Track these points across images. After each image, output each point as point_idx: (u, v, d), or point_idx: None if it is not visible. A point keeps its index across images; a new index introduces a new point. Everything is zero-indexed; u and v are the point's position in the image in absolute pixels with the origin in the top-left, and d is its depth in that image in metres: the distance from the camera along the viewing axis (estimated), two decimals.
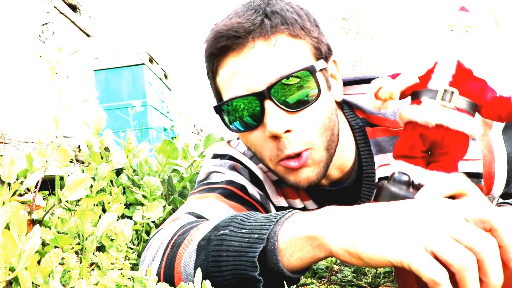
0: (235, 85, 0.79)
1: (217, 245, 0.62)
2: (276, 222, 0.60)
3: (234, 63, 0.78)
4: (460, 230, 0.48)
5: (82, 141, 1.23)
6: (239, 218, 0.64)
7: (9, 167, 0.79)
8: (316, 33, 0.83)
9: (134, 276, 0.71)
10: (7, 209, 0.67)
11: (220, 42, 0.79)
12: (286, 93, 0.77)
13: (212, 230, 0.66)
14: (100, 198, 1.05)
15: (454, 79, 0.61)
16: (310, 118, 0.79)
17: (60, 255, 0.64)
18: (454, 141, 0.63)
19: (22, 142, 1.02)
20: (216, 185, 0.96)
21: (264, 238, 0.58)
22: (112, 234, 0.89)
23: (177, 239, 0.72)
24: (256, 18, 0.77)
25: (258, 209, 0.96)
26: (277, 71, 0.76)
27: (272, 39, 0.77)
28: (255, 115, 0.79)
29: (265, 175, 1.00)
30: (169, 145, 1.38)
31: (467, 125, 0.61)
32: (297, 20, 0.80)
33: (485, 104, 0.62)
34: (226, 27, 0.78)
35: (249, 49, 0.76)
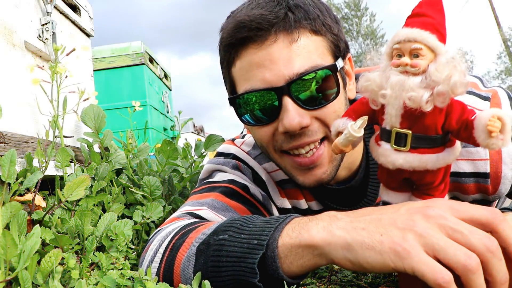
0: (253, 78, 0.78)
1: (216, 250, 0.62)
2: (276, 228, 0.59)
3: (254, 55, 0.77)
4: (461, 232, 0.48)
5: (82, 141, 1.23)
6: (238, 222, 0.64)
7: (9, 167, 0.79)
8: (336, 29, 0.82)
9: (134, 276, 0.71)
10: (7, 209, 0.67)
11: (242, 32, 0.77)
12: (305, 90, 0.76)
13: (211, 234, 0.65)
14: (100, 198, 1.05)
15: (403, 119, 0.56)
16: (329, 114, 0.78)
17: (60, 255, 0.64)
18: (424, 176, 0.59)
19: (22, 142, 1.02)
20: (217, 183, 0.96)
21: (264, 244, 0.58)
22: (112, 234, 0.89)
23: (176, 241, 0.71)
24: (280, 11, 0.76)
25: (259, 209, 0.96)
26: (298, 67, 0.75)
27: (295, 33, 0.75)
28: (271, 109, 0.78)
29: (268, 176, 1.00)
30: (169, 145, 1.38)
31: (427, 163, 0.56)
32: (319, 15, 0.79)
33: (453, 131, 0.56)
34: (248, 17, 0.76)
35: (271, 42, 0.75)
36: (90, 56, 1.55)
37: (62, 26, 1.35)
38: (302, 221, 0.59)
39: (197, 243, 0.67)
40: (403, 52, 0.54)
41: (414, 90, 0.53)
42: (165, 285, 0.65)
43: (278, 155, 0.83)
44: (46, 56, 1.23)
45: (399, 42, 0.55)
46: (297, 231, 0.57)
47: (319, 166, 0.81)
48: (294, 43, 0.75)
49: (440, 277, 0.45)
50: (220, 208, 0.89)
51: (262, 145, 0.86)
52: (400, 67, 0.54)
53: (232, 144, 1.05)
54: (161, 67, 3.47)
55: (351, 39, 28.22)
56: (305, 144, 0.78)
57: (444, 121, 0.55)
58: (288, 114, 0.75)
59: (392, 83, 0.54)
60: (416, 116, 0.55)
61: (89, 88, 1.46)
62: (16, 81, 1.09)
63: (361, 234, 0.52)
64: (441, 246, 0.47)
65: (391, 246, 0.49)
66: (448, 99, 0.53)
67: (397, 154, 0.58)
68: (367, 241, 0.51)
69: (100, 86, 2.84)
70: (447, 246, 0.47)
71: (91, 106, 1.25)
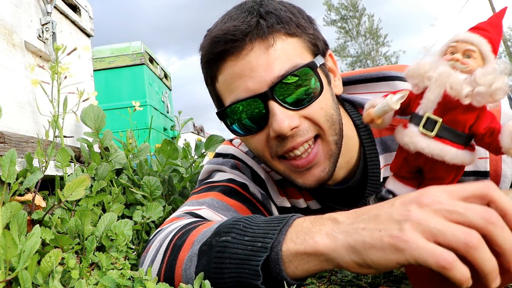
0: (237, 89, 0.78)
1: (219, 252, 0.62)
2: (279, 231, 0.59)
3: (233, 67, 0.78)
4: (457, 212, 0.48)
5: (82, 141, 1.23)
6: (241, 224, 0.64)
7: (9, 167, 0.79)
8: (311, 29, 0.83)
9: (134, 276, 0.71)
10: (7, 209, 0.67)
11: (218, 47, 0.78)
12: (289, 92, 0.76)
13: (214, 235, 0.65)
14: (100, 198, 1.05)
15: (439, 107, 0.61)
16: (317, 111, 0.79)
17: (60, 255, 0.64)
18: (437, 169, 0.63)
19: (22, 142, 1.02)
20: (217, 183, 0.96)
21: (268, 247, 0.58)
22: (112, 234, 0.89)
23: (176, 241, 0.71)
24: (252, 20, 0.77)
25: (258, 207, 0.96)
26: (278, 70, 0.76)
27: (270, 39, 0.76)
28: (260, 117, 0.79)
29: (267, 175, 1.00)
30: (169, 145, 1.38)
31: (447, 154, 0.60)
32: (292, 18, 0.80)
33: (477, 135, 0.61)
34: (222, 31, 0.78)
35: (248, 51, 0.76)
36: (90, 56, 1.55)
37: (62, 26, 1.35)
38: (305, 224, 0.59)
39: (199, 243, 0.66)
40: (457, 51, 0.60)
41: (457, 81, 0.57)
42: (165, 285, 0.65)
43: (276, 161, 0.84)
44: (46, 56, 1.23)
45: (457, 41, 0.60)
46: (301, 237, 0.57)
47: (316, 165, 0.81)
48: (271, 48, 0.76)
49: (442, 259, 0.45)
50: (219, 207, 0.89)
51: (258, 153, 0.87)
52: (452, 61, 0.59)
53: (230, 145, 1.06)
54: (161, 67, 3.47)
55: (351, 39, 28.23)
56: (298, 144, 0.79)
57: (473, 122, 0.60)
58: (276, 118, 0.76)
59: (440, 71, 0.59)
60: (450, 108, 0.60)
61: (89, 88, 1.46)
62: (16, 81, 1.09)
63: (362, 234, 0.52)
64: (439, 229, 0.47)
65: (390, 241, 0.49)
66: (484, 100, 0.57)
67: (422, 137, 0.62)
68: (368, 240, 0.51)
69: (100, 86, 2.84)
70: (445, 228, 0.47)
71: (91, 106, 1.25)
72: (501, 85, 0.55)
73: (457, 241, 0.45)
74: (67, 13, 1.38)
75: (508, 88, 0.56)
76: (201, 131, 5.34)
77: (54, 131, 1.09)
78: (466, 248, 0.45)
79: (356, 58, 28.22)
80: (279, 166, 0.85)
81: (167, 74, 3.66)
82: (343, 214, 0.58)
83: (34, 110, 1.13)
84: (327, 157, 0.82)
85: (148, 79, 3.07)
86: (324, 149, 0.81)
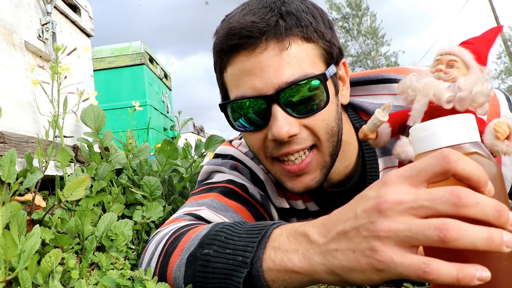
0: (243, 85, 0.78)
1: (203, 266, 0.61)
2: (258, 244, 0.58)
3: (244, 62, 0.77)
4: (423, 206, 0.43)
5: (82, 141, 1.23)
6: (222, 235, 0.63)
7: (9, 167, 0.79)
8: (329, 35, 0.81)
9: (134, 276, 0.71)
10: (7, 209, 0.67)
11: (232, 40, 0.77)
12: (294, 99, 0.76)
13: (198, 246, 0.64)
14: (100, 198, 1.05)
15: (426, 115, 0.63)
16: (318, 123, 0.79)
17: (60, 255, 0.64)
18: None
19: (22, 142, 1.02)
20: (216, 184, 0.96)
21: (248, 262, 0.57)
22: (112, 234, 0.89)
23: (168, 246, 0.71)
24: (271, 18, 0.76)
25: (257, 208, 0.96)
26: (288, 75, 0.75)
27: (286, 41, 0.75)
28: (261, 116, 0.79)
29: (266, 176, 1.00)
30: (169, 145, 1.38)
31: None
32: (312, 22, 0.78)
33: None
34: (239, 24, 0.76)
35: (261, 50, 0.75)
36: (90, 56, 1.55)
37: (62, 26, 1.35)
38: (281, 240, 0.57)
39: (186, 252, 0.66)
40: (442, 63, 0.64)
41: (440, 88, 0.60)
42: (165, 285, 0.65)
43: (269, 161, 0.84)
44: (46, 56, 1.23)
45: (441, 54, 0.65)
46: (279, 257, 0.56)
47: (307, 173, 0.81)
48: (285, 51, 0.75)
49: (421, 271, 0.42)
50: (219, 208, 0.89)
51: (253, 151, 0.87)
52: (436, 73, 0.63)
53: (230, 146, 1.06)
54: (161, 67, 3.47)
55: (351, 38, 28.23)
56: (293, 151, 0.79)
57: None
58: (276, 123, 0.75)
59: (425, 81, 0.63)
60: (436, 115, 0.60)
61: (89, 88, 1.46)
62: (16, 81, 1.09)
63: (337, 257, 0.50)
64: (410, 235, 0.43)
65: (367, 262, 0.46)
66: (467, 105, 0.59)
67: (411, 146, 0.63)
68: (345, 263, 0.49)
69: (100, 86, 2.84)
70: (415, 231, 0.43)
71: (91, 106, 1.25)
72: (481, 89, 0.58)
73: (432, 240, 0.42)
74: (67, 13, 1.38)
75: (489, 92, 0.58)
76: (201, 131, 5.34)
77: (54, 131, 1.09)
78: (443, 243, 0.41)
79: (356, 58, 28.21)
80: (271, 167, 0.85)
81: (167, 74, 3.66)
82: (313, 228, 0.55)
83: (34, 110, 1.13)
84: (320, 167, 0.82)
85: (148, 79, 3.07)
86: (318, 160, 0.81)
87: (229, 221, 0.87)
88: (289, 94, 0.75)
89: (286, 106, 0.76)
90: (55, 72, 1.08)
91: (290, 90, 0.75)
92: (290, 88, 0.75)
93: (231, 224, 0.65)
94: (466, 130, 0.47)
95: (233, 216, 0.89)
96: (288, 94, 0.75)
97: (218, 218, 0.85)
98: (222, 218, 0.86)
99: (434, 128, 0.47)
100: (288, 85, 0.75)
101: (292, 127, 0.76)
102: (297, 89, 0.75)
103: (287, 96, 0.75)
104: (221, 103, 0.84)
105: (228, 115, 0.84)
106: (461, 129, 0.46)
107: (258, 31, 0.75)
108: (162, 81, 3.44)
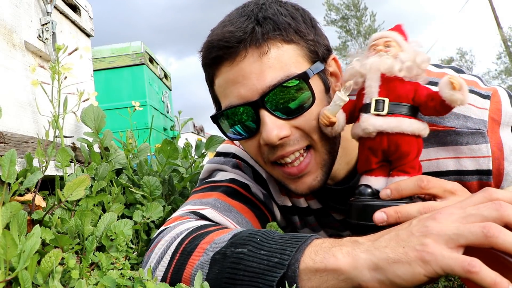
0: (230, 94, 0.79)
1: (234, 263, 0.62)
2: (298, 248, 0.59)
3: (228, 72, 0.78)
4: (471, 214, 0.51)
5: (82, 141, 1.23)
6: (258, 237, 0.64)
7: (9, 167, 0.79)
8: (311, 35, 0.81)
9: (134, 276, 0.71)
10: (7, 209, 0.67)
11: (212, 52, 0.79)
12: (280, 101, 0.76)
13: (229, 245, 0.65)
14: (100, 198, 1.05)
15: (382, 89, 0.70)
16: (308, 122, 0.79)
17: (60, 255, 0.64)
18: (401, 145, 0.69)
19: (22, 142, 1.02)
20: (219, 183, 0.96)
21: (285, 264, 0.57)
22: (112, 234, 0.89)
23: (186, 245, 0.71)
24: (248, 26, 0.76)
25: (260, 208, 0.96)
26: (270, 79, 0.75)
27: (264, 46, 0.76)
28: (251, 123, 0.79)
29: (268, 174, 1.00)
30: (169, 145, 1.38)
31: (404, 126, 0.68)
32: (291, 24, 0.79)
33: (421, 103, 0.69)
34: (217, 36, 0.78)
35: (241, 58, 0.76)
36: (90, 56, 1.55)
37: (62, 26, 1.35)
38: (324, 245, 0.59)
39: (211, 251, 0.66)
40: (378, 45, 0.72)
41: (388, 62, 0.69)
42: (165, 285, 0.65)
43: (269, 166, 0.84)
44: (46, 56, 1.23)
45: (376, 39, 0.73)
46: (321, 255, 0.57)
47: (308, 174, 0.82)
48: (264, 55, 0.76)
49: (467, 265, 0.47)
50: (222, 208, 0.89)
51: (252, 157, 0.88)
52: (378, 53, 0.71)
53: (232, 144, 1.05)
54: (161, 67, 3.47)
55: (351, 39, 28.21)
56: (288, 153, 0.79)
57: (414, 95, 0.69)
58: (266, 127, 0.76)
59: (371, 61, 0.70)
60: (391, 87, 0.69)
61: (89, 89, 1.46)
62: (16, 81, 1.09)
63: (385, 251, 0.53)
64: (458, 233, 0.50)
65: (416, 254, 0.50)
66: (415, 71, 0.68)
67: (376, 118, 0.69)
68: (392, 256, 0.52)
69: (100, 86, 2.84)
70: (463, 230, 0.50)
71: (91, 107, 1.25)
72: (423, 57, 0.68)
73: (477, 237, 0.48)
74: (67, 13, 1.38)
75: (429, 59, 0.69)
76: (201, 131, 5.33)
77: (54, 131, 1.09)
78: (487, 239, 0.48)
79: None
80: (273, 171, 0.86)
81: (167, 74, 3.66)
82: (363, 237, 0.58)
83: (34, 110, 1.13)
84: (319, 166, 0.82)
85: (148, 79, 3.07)
86: (316, 159, 0.81)
87: (233, 221, 0.87)
88: (274, 97, 0.76)
89: (273, 109, 0.76)
90: (55, 72, 1.08)
91: (275, 93, 0.75)
92: (275, 91, 0.75)
93: (265, 230, 0.67)
94: None
95: (236, 216, 0.89)
96: (273, 97, 0.76)
97: (222, 218, 0.85)
98: (226, 219, 0.86)
99: None
100: (272, 88, 0.75)
101: (282, 130, 0.76)
102: (281, 91, 0.76)
103: (273, 100, 0.76)
104: (212, 115, 0.85)
105: (221, 126, 0.85)
106: None
107: (235, 40, 0.76)
108: (162, 81, 3.44)
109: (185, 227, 0.77)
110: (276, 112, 0.76)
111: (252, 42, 0.76)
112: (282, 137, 0.76)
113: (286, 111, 0.77)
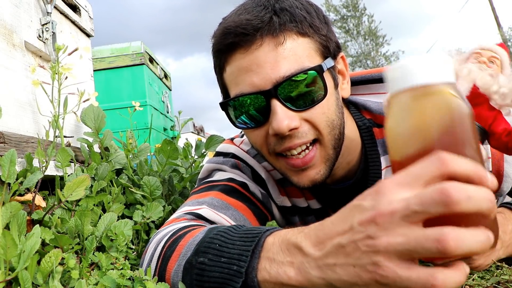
0: (242, 82, 0.79)
1: (198, 274, 0.61)
2: (252, 253, 0.57)
3: (241, 60, 0.78)
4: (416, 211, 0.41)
5: (82, 141, 1.23)
6: (217, 242, 0.62)
7: (9, 167, 0.79)
8: (325, 30, 0.82)
9: (134, 276, 0.71)
10: (7, 209, 0.67)
11: (228, 38, 0.78)
12: (293, 92, 0.76)
13: (194, 253, 0.64)
14: (100, 198, 1.05)
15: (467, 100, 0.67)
16: (318, 115, 0.79)
17: (60, 255, 0.64)
18: None
19: (22, 142, 1.02)
20: (217, 182, 0.96)
21: (243, 271, 0.57)
22: (112, 234, 0.89)
23: (166, 250, 0.71)
24: (265, 15, 0.77)
25: (259, 206, 0.96)
26: (284, 70, 0.75)
27: (280, 37, 0.76)
28: (261, 112, 0.79)
29: (268, 174, 1.00)
30: (170, 145, 1.38)
31: None
32: (306, 17, 0.79)
33: (495, 134, 0.65)
34: (234, 23, 0.77)
35: (257, 47, 0.76)
36: (90, 56, 1.55)
37: (62, 26, 1.35)
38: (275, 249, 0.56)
39: (183, 258, 0.66)
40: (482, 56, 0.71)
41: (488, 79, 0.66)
42: (165, 285, 0.65)
43: (273, 157, 0.84)
44: (46, 56, 1.23)
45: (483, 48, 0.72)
46: (275, 269, 0.55)
47: (312, 167, 0.81)
48: (280, 46, 0.76)
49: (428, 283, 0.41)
50: (219, 206, 0.89)
51: (256, 148, 0.87)
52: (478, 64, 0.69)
53: (231, 144, 1.05)
54: (161, 67, 3.48)
55: (351, 39, 28.23)
56: (296, 145, 0.79)
57: (492, 122, 0.66)
58: (276, 117, 0.76)
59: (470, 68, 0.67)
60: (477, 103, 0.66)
61: (89, 89, 1.46)
62: (16, 81, 1.09)
63: (336, 272, 0.48)
64: (409, 247, 0.42)
65: (370, 276, 0.45)
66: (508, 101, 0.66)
67: None
68: (345, 278, 0.47)
69: (100, 86, 2.84)
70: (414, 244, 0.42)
71: (91, 107, 1.25)
72: None
73: (432, 253, 0.41)
74: (67, 13, 1.38)
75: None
76: (201, 131, 5.33)
77: (54, 131, 1.09)
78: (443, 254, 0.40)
79: (356, 58, 28.21)
80: (276, 163, 0.85)
81: (167, 74, 3.66)
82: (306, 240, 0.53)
83: (34, 110, 1.13)
84: (324, 160, 0.82)
85: (148, 79, 3.07)
86: (322, 153, 0.81)
87: (230, 219, 0.87)
88: (287, 88, 0.76)
89: (285, 100, 0.76)
90: (56, 72, 1.08)
91: (288, 84, 0.75)
92: (288, 82, 0.75)
93: (225, 229, 0.64)
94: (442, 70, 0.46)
95: (234, 214, 0.89)
96: (286, 88, 0.76)
97: (218, 216, 0.85)
98: (223, 217, 0.86)
99: (410, 67, 0.46)
100: (286, 79, 0.75)
101: (292, 121, 0.76)
102: (295, 83, 0.76)
103: (286, 90, 0.76)
104: (222, 102, 0.85)
105: (229, 113, 0.84)
106: (436, 69, 0.46)
107: (252, 28, 0.76)
108: (162, 81, 3.44)
109: (171, 229, 0.77)
110: (287, 103, 0.76)
111: (270, 31, 0.76)
112: (292, 128, 0.76)
113: (298, 103, 0.77)
